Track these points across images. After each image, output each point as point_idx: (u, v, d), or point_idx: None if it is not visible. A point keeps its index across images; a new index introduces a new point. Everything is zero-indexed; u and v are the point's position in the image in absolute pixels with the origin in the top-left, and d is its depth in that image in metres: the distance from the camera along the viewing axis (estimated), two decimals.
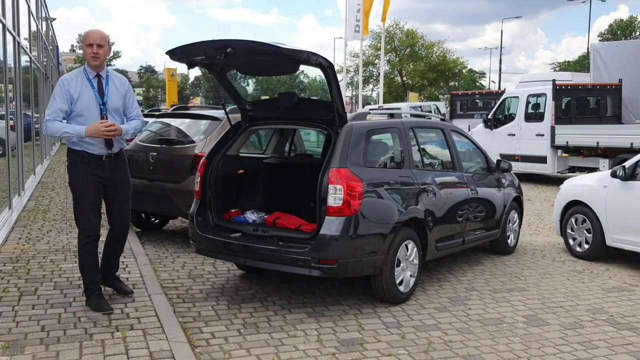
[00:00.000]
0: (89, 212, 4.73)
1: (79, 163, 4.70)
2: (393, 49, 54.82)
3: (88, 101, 4.68)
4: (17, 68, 9.96)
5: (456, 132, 6.91)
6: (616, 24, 65.07)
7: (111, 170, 4.80)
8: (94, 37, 4.70)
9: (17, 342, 4.04)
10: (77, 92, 4.65)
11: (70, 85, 4.66)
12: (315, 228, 4.89)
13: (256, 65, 5.27)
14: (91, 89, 4.71)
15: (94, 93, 4.71)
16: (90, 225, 4.73)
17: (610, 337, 4.70)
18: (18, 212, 8.92)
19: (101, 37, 4.73)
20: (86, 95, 4.68)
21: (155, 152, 7.32)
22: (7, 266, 5.98)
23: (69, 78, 4.73)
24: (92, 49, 4.67)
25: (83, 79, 4.72)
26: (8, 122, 8.60)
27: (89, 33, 4.76)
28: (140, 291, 5.28)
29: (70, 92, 4.64)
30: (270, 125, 5.89)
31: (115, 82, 4.85)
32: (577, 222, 7.55)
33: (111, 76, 4.86)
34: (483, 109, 22.91)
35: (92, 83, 4.73)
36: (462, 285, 6.01)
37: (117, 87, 4.85)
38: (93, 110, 4.68)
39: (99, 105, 4.71)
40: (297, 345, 4.27)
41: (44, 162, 16.93)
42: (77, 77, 4.73)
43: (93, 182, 4.71)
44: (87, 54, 4.71)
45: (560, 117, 15.29)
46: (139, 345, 4.06)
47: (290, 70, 5.02)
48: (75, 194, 4.78)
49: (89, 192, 4.72)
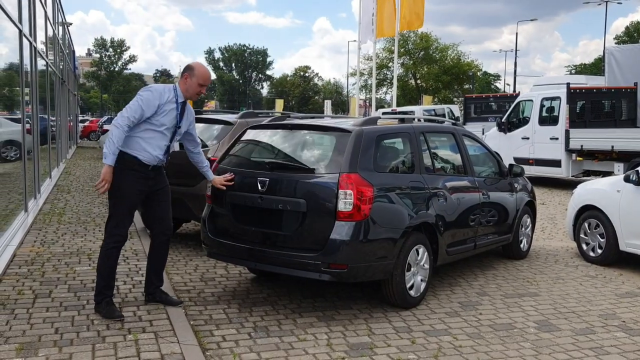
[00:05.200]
0: (125, 218, 4.80)
1: (127, 169, 4.72)
2: (407, 52, 54.76)
3: (169, 120, 4.84)
4: (34, 72, 10.11)
5: (468, 136, 6.89)
6: (633, 27, 64.45)
7: (153, 179, 4.90)
8: (207, 79, 5.00)
9: (31, 344, 4.10)
10: (164, 108, 4.81)
11: (162, 99, 4.80)
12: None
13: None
14: (176, 111, 4.88)
15: (177, 115, 4.89)
16: (122, 231, 4.81)
17: (622, 343, 4.68)
18: (34, 215, 9.04)
19: (210, 79, 5.12)
20: (170, 114, 4.85)
21: (169, 156, 7.37)
22: (22, 269, 6.07)
23: (162, 91, 4.85)
24: (202, 89, 4.98)
25: (173, 98, 4.88)
26: (24, 125, 8.72)
27: (206, 73, 5.02)
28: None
29: (160, 104, 4.78)
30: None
31: (188, 112, 5.07)
32: (591, 226, 7.51)
33: (188, 105, 5.07)
34: (497, 112, 22.80)
35: (179, 107, 4.90)
36: (473, 290, 6.00)
37: (188, 117, 5.07)
38: (169, 129, 4.87)
39: (175, 126, 4.90)
40: (307, 349, 4.29)
41: (60, 166, 17.11)
42: (169, 95, 4.86)
43: (137, 190, 4.78)
44: (194, 89, 4.94)
45: (575, 121, 15.20)
46: (150, 348, 4.10)
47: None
48: (116, 197, 4.79)
49: (130, 198, 4.79)
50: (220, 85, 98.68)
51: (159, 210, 5.01)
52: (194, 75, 4.91)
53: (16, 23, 8.12)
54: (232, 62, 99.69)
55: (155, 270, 5.12)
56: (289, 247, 5.01)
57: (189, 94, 4.94)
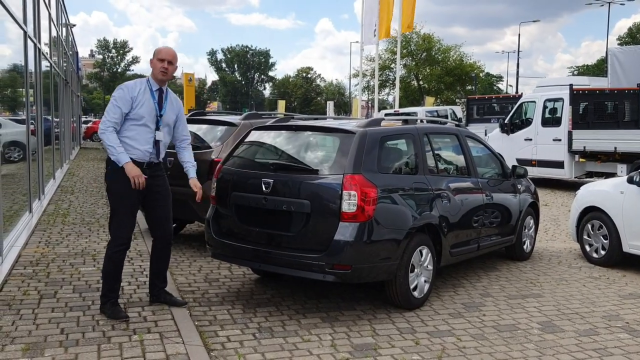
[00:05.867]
0: (126, 220, 4.79)
1: (120, 170, 4.70)
2: (409, 53, 54.72)
3: (147, 110, 4.81)
4: (38, 73, 10.14)
5: (471, 137, 6.91)
6: (635, 28, 64.35)
7: (151, 178, 4.85)
8: (166, 54, 4.88)
9: (37, 344, 4.13)
10: (138, 99, 4.78)
11: (133, 92, 4.78)
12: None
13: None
14: (152, 100, 4.85)
15: (154, 104, 4.85)
16: (126, 234, 4.80)
17: (625, 344, 4.68)
18: (38, 216, 9.07)
19: (173, 55, 4.93)
20: (147, 104, 4.82)
21: (173, 157, 7.37)
22: (27, 269, 6.09)
23: (132, 85, 4.85)
24: (164, 64, 4.84)
25: (146, 88, 4.86)
26: (29, 126, 8.75)
27: (163, 49, 4.93)
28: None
29: (133, 98, 4.76)
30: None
31: (172, 100, 5.03)
32: (594, 228, 7.51)
33: (170, 93, 5.04)
34: (500, 113, 22.77)
35: (154, 94, 4.87)
36: (477, 291, 6.01)
37: (173, 105, 5.02)
38: (150, 120, 4.83)
39: (156, 116, 4.86)
40: (312, 350, 4.31)
41: (64, 167, 17.16)
42: (140, 85, 4.86)
43: (133, 191, 4.73)
44: (157, 68, 4.85)
45: (578, 122, 15.19)
46: (155, 349, 4.12)
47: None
48: (113, 201, 4.82)
49: (128, 200, 4.76)
50: (223, 87, 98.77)
51: (160, 213, 4.99)
52: (154, 56, 4.90)
53: (21, 24, 8.16)
54: (235, 63, 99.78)
55: (158, 273, 5.13)
56: (292, 248, 5.03)
57: (156, 76, 4.86)
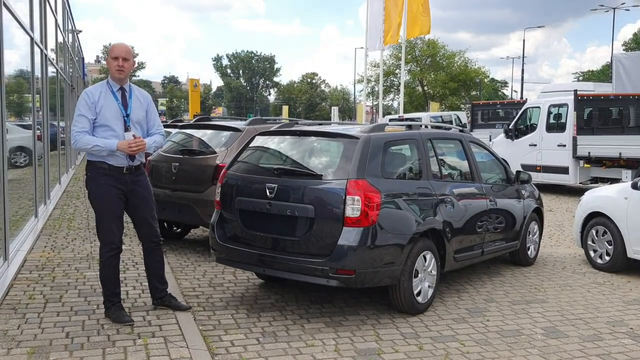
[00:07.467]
0: (112, 225, 4.77)
1: (100, 175, 4.73)
2: (414, 59, 54.82)
3: (112, 113, 4.76)
4: (44, 79, 10.21)
5: (475, 143, 6.92)
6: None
7: (132, 183, 4.83)
8: (119, 51, 4.81)
9: (42, 348, 4.15)
10: (100, 104, 4.73)
11: (94, 97, 4.75)
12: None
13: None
14: (115, 101, 4.79)
15: (118, 105, 4.80)
16: (114, 238, 4.78)
17: (629, 350, 4.68)
18: (44, 221, 9.11)
19: (126, 50, 4.86)
20: (110, 106, 4.76)
21: (178, 162, 7.45)
22: (33, 273, 6.13)
23: (93, 90, 4.82)
24: (118, 62, 4.77)
25: (107, 91, 4.82)
26: (35, 132, 8.81)
27: (115, 46, 4.88)
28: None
29: (94, 101, 4.72)
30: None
31: (138, 96, 4.95)
32: (598, 233, 7.50)
33: (134, 90, 4.97)
34: (504, 119, 22.75)
35: (116, 95, 4.82)
36: (480, 297, 6.01)
37: (140, 101, 4.95)
38: (117, 122, 4.77)
39: (122, 116, 4.79)
40: (315, 355, 4.32)
41: (69, 172, 17.21)
42: (100, 89, 4.82)
43: (114, 195, 4.74)
44: (112, 67, 4.80)
45: (582, 128, 15.15)
46: (160, 353, 4.14)
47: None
48: (96, 207, 4.81)
49: (111, 204, 4.75)
50: (228, 92, 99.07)
51: (144, 216, 4.95)
52: (108, 55, 4.90)
53: (27, 31, 8.22)
54: (240, 69, 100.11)
55: (155, 275, 5.12)
56: (296, 253, 5.04)
57: (114, 76, 4.81)
